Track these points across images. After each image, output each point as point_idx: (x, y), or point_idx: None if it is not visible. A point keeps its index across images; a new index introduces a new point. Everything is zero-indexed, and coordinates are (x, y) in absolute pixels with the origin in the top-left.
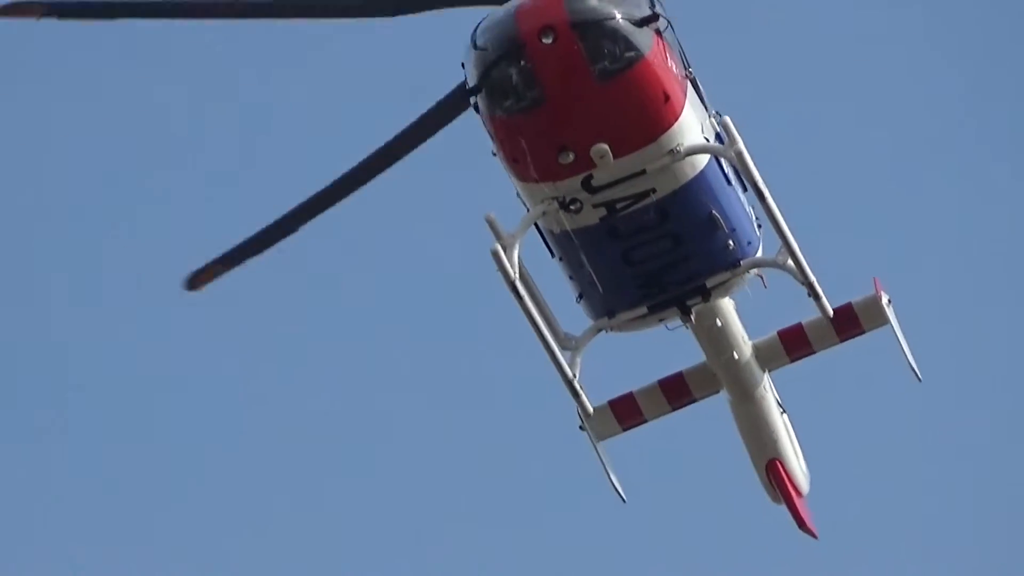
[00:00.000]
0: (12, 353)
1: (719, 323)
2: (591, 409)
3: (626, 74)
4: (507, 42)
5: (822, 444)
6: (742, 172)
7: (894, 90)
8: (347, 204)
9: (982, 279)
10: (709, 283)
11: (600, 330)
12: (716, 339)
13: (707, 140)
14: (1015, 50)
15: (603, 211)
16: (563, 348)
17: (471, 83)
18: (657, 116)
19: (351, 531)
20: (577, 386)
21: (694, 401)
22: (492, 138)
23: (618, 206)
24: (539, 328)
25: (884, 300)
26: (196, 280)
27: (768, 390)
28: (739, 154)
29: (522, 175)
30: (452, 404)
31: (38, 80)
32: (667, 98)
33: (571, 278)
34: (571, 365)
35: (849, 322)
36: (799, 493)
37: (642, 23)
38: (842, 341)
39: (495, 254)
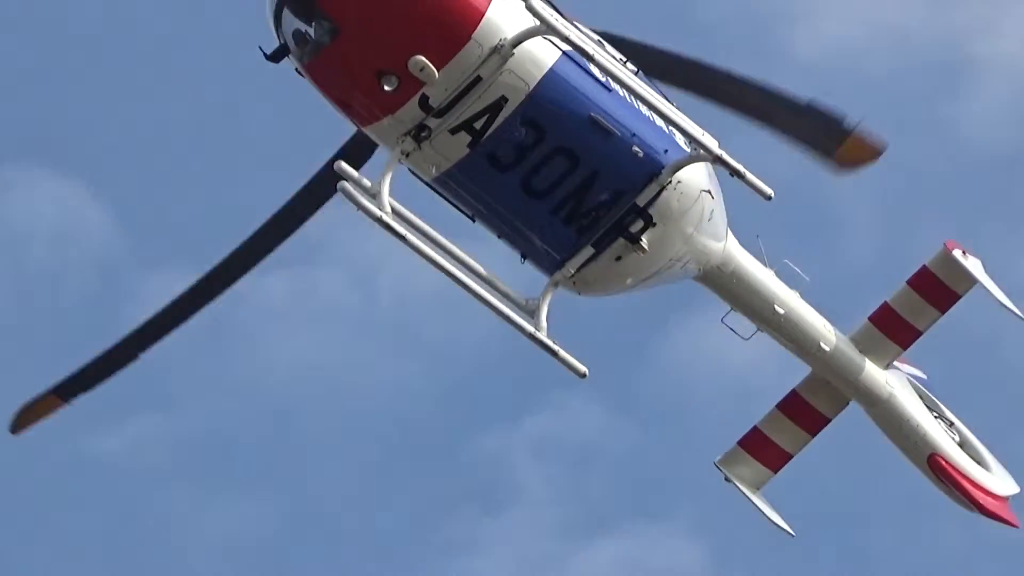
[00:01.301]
0: None
1: (781, 311)
2: (583, 369)
3: None
4: None
5: None
6: (562, 40)
7: None
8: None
9: None
10: (640, 201)
11: (557, 284)
12: (791, 332)
13: None
14: None
15: (465, 136)
16: (524, 313)
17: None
18: (460, 11)
19: None
20: (547, 341)
21: (827, 421)
22: (319, 90)
23: (476, 126)
24: (445, 269)
25: (958, 253)
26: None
27: (896, 387)
28: (542, 20)
29: (361, 118)
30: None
31: None
32: None
33: (500, 237)
34: (536, 327)
35: (933, 287)
36: (979, 486)
37: None
38: (942, 312)
39: (343, 189)
